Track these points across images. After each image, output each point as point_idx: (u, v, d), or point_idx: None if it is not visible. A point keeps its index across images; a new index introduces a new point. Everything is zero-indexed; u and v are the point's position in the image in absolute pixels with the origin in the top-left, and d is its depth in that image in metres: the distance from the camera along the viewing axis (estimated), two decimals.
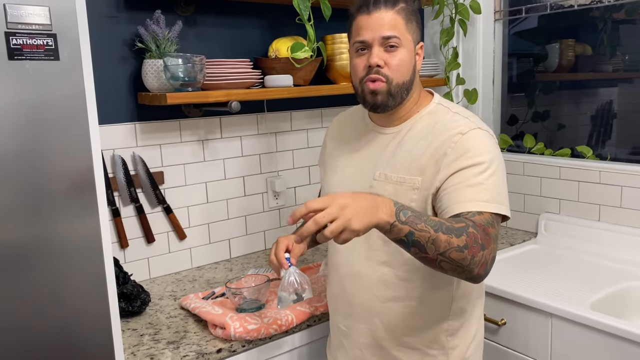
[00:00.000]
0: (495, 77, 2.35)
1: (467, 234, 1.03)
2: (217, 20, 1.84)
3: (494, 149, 1.18)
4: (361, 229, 0.93)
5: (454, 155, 1.15)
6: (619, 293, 1.64)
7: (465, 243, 1.01)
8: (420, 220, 0.99)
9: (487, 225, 1.09)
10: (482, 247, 1.05)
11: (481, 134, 1.18)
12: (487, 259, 1.06)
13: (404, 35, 1.20)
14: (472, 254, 1.03)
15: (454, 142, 1.16)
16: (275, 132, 2.03)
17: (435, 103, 1.28)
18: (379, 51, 1.20)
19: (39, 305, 1.05)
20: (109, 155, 1.68)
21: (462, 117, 1.22)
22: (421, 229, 0.98)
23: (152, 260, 1.80)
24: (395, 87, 1.21)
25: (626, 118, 2.23)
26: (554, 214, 2.09)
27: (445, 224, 1.02)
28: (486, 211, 1.10)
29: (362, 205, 0.94)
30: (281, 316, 1.43)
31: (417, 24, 1.24)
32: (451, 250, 1.00)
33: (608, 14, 2.19)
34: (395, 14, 1.19)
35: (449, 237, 1.00)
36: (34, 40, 0.96)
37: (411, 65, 1.22)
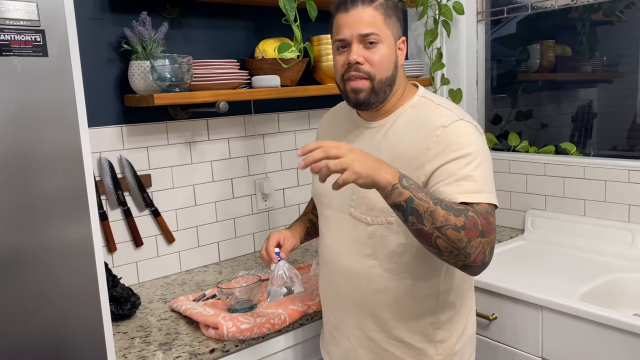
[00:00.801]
0: (479, 77, 2.38)
1: (467, 216, 1.04)
2: (203, 22, 1.84)
3: (478, 140, 1.17)
4: (362, 172, 0.98)
5: (436, 149, 1.15)
6: (606, 285, 1.66)
7: (463, 223, 1.02)
8: (421, 190, 1.04)
9: (488, 214, 1.09)
10: (482, 233, 1.05)
11: (464, 126, 1.17)
12: (485, 248, 1.06)
13: (383, 31, 1.20)
14: (469, 237, 1.03)
15: (436, 135, 1.15)
16: (263, 134, 2.03)
17: (419, 96, 1.28)
18: (358, 48, 1.20)
19: (30, 309, 1.03)
20: (95, 158, 1.66)
21: (445, 109, 1.21)
22: (421, 198, 1.02)
23: (141, 264, 1.78)
24: (378, 84, 1.21)
25: (605, 117, 2.27)
26: (540, 210, 2.11)
27: (446, 202, 1.05)
28: (482, 202, 1.11)
29: (368, 159, 1.02)
30: (274, 315, 1.42)
31: (397, 19, 1.24)
32: (448, 227, 1.01)
33: (586, 15, 2.24)
34: (373, 10, 1.19)
35: (447, 213, 1.02)
36: (22, 36, 0.95)
37: (392, 60, 1.22)
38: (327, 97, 2.15)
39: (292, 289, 1.27)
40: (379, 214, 1.21)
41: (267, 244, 1.37)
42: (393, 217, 1.18)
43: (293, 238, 1.42)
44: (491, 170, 1.18)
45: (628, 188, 1.87)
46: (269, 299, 1.29)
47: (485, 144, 1.20)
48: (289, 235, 1.42)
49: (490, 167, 1.18)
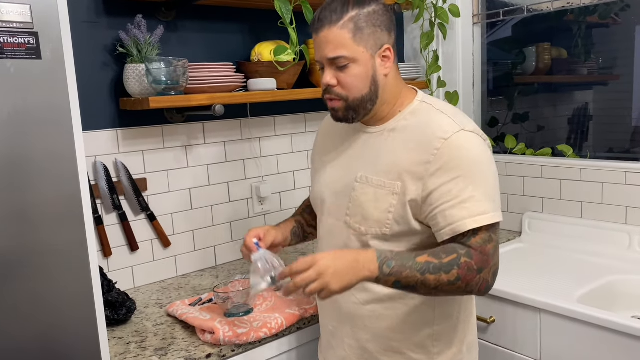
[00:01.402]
0: (475, 80, 2.38)
1: (459, 266, 1.06)
2: (199, 25, 1.84)
3: (480, 151, 1.13)
4: (339, 290, 1.04)
5: (437, 164, 1.11)
6: (604, 287, 1.66)
7: (457, 276, 1.06)
8: (406, 267, 1.06)
9: (485, 243, 1.09)
10: (479, 270, 1.08)
11: (465, 138, 1.13)
12: (486, 278, 1.09)
13: (353, 49, 1.13)
14: (467, 282, 1.08)
15: (437, 148, 1.11)
16: (259, 137, 2.02)
17: (418, 101, 1.23)
18: (330, 70, 1.16)
19: (25, 314, 1.02)
20: (90, 162, 1.65)
21: (446, 116, 1.16)
22: (407, 276, 1.06)
23: (137, 268, 1.77)
24: (354, 102, 1.17)
25: (602, 119, 2.28)
26: (537, 212, 2.11)
27: (433, 263, 1.06)
28: (483, 225, 1.09)
29: (342, 267, 1.04)
30: (271, 319, 1.41)
31: (376, 28, 1.15)
32: (442, 285, 1.07)
33: (582, 18, 2.25)
34: (339, 29, 1.13)
35: (437, 276, 1.06)
36: (15, 39, 0.95)
37: (367, 77, 1.16)
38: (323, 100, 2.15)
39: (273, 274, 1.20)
40: (374, 225, 1.18)
41: (245, 237, 1.32)
42: (388, 228, 1.16)
43: (275, 231, 1.37)
44: (495, 180, 1.15)
45: (625, 190, 1.86)
46: (251, 291, 1.23)
47: (488, 153, 1.16)
48: (271, 229, 1.37)
49: (493, 178, 1.14)
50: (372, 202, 1.18)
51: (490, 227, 1.11)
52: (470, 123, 1.18)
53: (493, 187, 1.13)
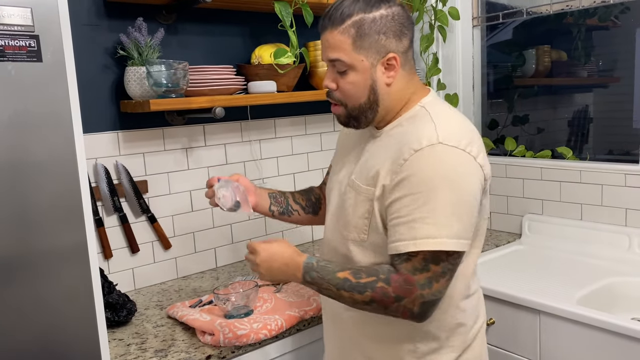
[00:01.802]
0: (475, 82, 2.39)
1: (373, 289, 1.05)
2: (199, 28, 1.85)
3: (451, 171, 1.03)
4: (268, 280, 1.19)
5: (401, 175, 1.05)
6: (604, 289, 1.66)
7: (370, 298, 1.06)
8: (324, 280, 1.10)
9: (414, 271, 1.03)
10: (398, 298, 1.04)
11: (438, 152, 1.03)
12: (409, 307, 1.04)
13: (351, 57, 1.09)
14: (383, 306, 1.06)
15: (405, 159, 1.05)
16: (260, 140, 2.03)
17: (419, 106, 1.15)
18: (332, 73, 1.14)
19: (25, 315, 1.03)
20: (91, 165, 1.66)
21: (433, 125, 1.08)
22: (326, 287, 1.10)
23: (137, 270, 1.78)
24: (353, 110, 1.14)
25: (601, 121, 2.28)
26: (537, 214, 2.11)
27: (350, 282, 1.07)
28: (421, 250, 1.02)
29: (274, 266, 1.16)
30: (271, 321, 1.41)
31: (380, 35, 1.08)
32: (357, 304, 1.08)
33: (582, 20, 2.25)
34: (340, 34, 1.08)
35: (351, 294, 1.07)
36: (16, 42, 0.95)
37: (366, 86, 1.11)
38: (323, 102, 2.15)
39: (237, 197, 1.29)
40: (352, 230, 1.16)
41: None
42: (365, 234, 1.14)
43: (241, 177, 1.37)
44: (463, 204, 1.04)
45: (625, 192, 1.87)
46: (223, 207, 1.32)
47: (466, 172, 1.05)
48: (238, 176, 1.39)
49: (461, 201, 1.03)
50: (352, 206, 1.16)
51: (431, 256, 1.02)
52: (460, 136, 1.06)
53: (456, 212, 1.03)
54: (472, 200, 1.06)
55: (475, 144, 1.08)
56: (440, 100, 1.20)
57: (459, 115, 1.17)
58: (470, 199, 1.05)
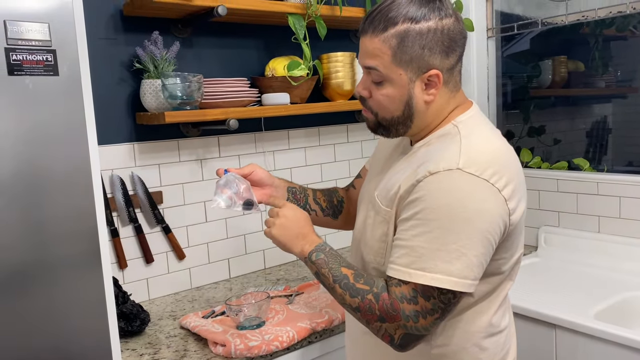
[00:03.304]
0: (490, 93, 2.38)
1: (363, 298, 1.00)
2: (214, 41, 1.87)
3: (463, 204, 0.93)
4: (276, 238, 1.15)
5: (412, 196, 0.98)
6: (622, 303, 1.63)
7: (357, 305, 1.01)
8: (327, 266, 1.06)
9: (402, 299, 0.96)
10: (381, 318, 0.98)
11: (456, 180, 0.94)
12: (390, 332, 0.98)
13: (390, 69, 1.00)
14: (367, 319, 1.01)
15: (418, 180, 0.98)
16: (273, 151, 2.04)
17: (452, 124, 1.05)
18: (366, 80, 1.05)
19: (39, 325, 1.04)
20: (107, 176, 1.68)
21: (458, 147, 0.99)
22: (324, 274, 1.06)
23: (151, 280, 1.79)
24: (383, 121, 1.06)
25: (620, 132, 2.25)
26: (554, 226, 2.09)
27: (348, 280, 1.03)
28: (411, 281, 0.95)
29: (287, 230, 1.13)
30: (282, 333, 1.41)
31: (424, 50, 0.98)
32: (344, 304, 1.04)
33: (599, 31, 2.23)
34: (381, 42, 0.99)
35: (343, 292, 1.03)
36: (33, 56, 0.98)
37: (402, 101, 1.02)
38: (336, 113, 2.16)
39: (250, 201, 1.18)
40: (370, 252, 1.10)
41: None
42: (382, 257, 1.07)
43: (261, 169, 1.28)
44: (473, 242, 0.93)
45: None
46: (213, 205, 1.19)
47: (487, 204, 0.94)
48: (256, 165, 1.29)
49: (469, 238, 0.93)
50: (371, 227, 1.10)
51: (421, 289, 0.95)
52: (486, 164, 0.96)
53: (460, 249, 0.93)
54: (484, 237, 0.94)
55: (504, 175, 0.96)
56: (481, 120, 1.08)
57: (496, 140, 1.04)
58: (481, 235, 0.94)
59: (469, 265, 0.94)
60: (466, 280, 0.94)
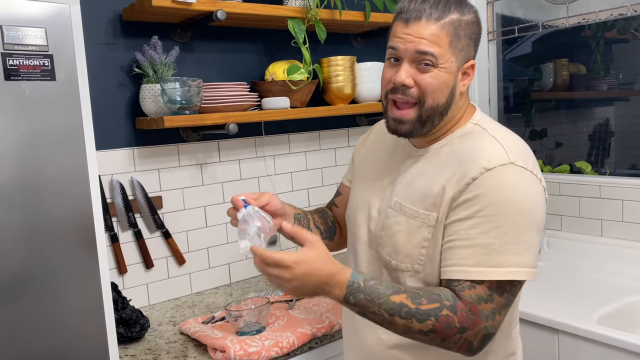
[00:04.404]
0: (491, 96, 2.37)
1: (437, 317, 0.94)
2: (214, 46, 1.87)
3: (526, 196, 0.97)
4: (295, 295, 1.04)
5: (468, 194, 0.97)
6: (625, 307, 1.61)
7: (431, 327, 0.94)
8: (374, 304, 0.95)
9: (479, 301, 0.95)
10: (462, 329, 0.94)
11: (512, 173, 0.97)
12: (469, 339, 0.95)
13: (445, 55, 1.00)
14: (443, 337, 0.95)
15: (474, 177, 0.97)
16: (274, 155, 2.03)
17: (472, 123, 1.07)
18: (410, 68, 1.02)
19: (36, 330, 1.03)
20: (107, 181, 1.68)
21: (497, 142, 1.01)
22: (373, 312, 0.96)
23: (151, 286, 1.78)
24: (427, 111, 1.03)
25: (623, 135, 2.24)
26: (556, 230, 2.07)
27: (408, 307, 0.94)
28: (487, 279, 0.95)
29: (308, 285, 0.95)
30: (282, 338, 1.40)
31: (469, 40, 1.03)
32: (412, 333, 0.96)
33: (600, 33, 2.22)
34: (439, 28, 0.99)
35: (408, 322, 0.94)
36: (30, 61, 0.97)
37: (449, 87, 1.02)
38: (336, 117, 2.16)
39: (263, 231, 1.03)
40: (405, 259, 1.06)
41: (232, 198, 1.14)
42: (420, 265, 1.04)
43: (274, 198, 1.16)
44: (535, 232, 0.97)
45: None
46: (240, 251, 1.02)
47: (537, 197, 0.99)
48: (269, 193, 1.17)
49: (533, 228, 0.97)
50: (405, 233, 1.05)
51: (498, 285, 0.95)
52: (525, 156, 1.01)
53: (524, 240, 0.96)
54: (541, 226, 0.99)
55: (536, 166, 1.02)
56: (489, 117, 1.12)
57: (514, 134, 1.08)
58: (539, 224, 0.98)
59: (534, 254, 0.98)
60: (534, 269, 0.98)
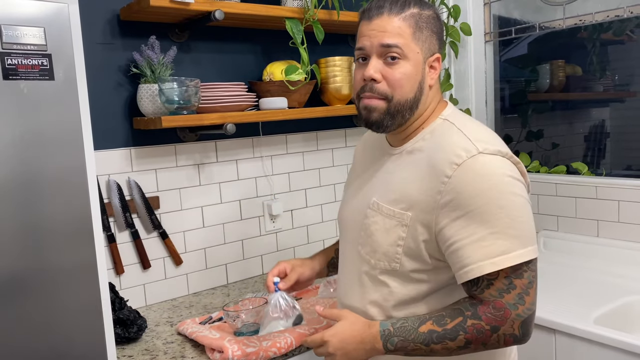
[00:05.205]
0: (488, 97, 2.38)
1: (465, 330, 0.98)
2: (212, 46, 1.87)
3: (501, 180, 0.98)
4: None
5: (448, 195, 0.99)
6: (621, 308, 1.62)
7: (465, 340, 0.98)
8: (409, 341, 1.01)
9: (500, 295, 0.97)
10: (494, 329, 0.97)
11: (482, 162, 0.99)
12: (509, 332, 0.97)
13: (409, 46, 1.05)
14: (482, 342, 0.98)
15: (447, 176, 1.00)
16: (271, 155, 2.03)
17: (441, 119, 1.10)
18: (377, 63, 1.06)
19: (33, 331, 1.03)
20: (104, 181, 1.67)
21: (464, 135, 1.03)
22: (413, 348, 1.01)
23: (148, 286, 1.78)
24: (396, 105, 1.06)
25: (618, 136, 2.25)
26: (552, 231, 2.08)
27: (436, 332, 0.99)
28: (500, 269, 0.96)
29: (351, 350, 1.05)
30: (280, 339, 1.40)
31: (432, 33, 1.08)
32: (452, 351, 1.00)
33: (597, 35, 2.23)
34: (401, 20, 1.05)
35: (443, 345, 0.99)
36: (29, 60, 0.97)
37: (416, 80, 1.06)
38: (334, 118, 2.16)
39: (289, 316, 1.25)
40: (382, 258, 1.09)
41: (268, 274, 1.30)
42: (397, 263, 1.06)
43: (303, 268, 1.30)
44: (523, 211, 0.99)
45: None
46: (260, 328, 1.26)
47: (513, 178, 1.00)
48: (299, 264, 1.32)
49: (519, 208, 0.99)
50: (381, 232, 1.08)
51: (512, 270, 0.97)
52: (495, 143, 1.03)
53: (518, 220, 0.98)
54: (526, 203, 1.01)
55: (507, 150, 1.04)
56: (460, 112, 1.14)
57: (484, 125, 1.11)
58: (524, 201, 1.01)
59: (532, 231, 1.01)
60: (535, 245, 1.00)
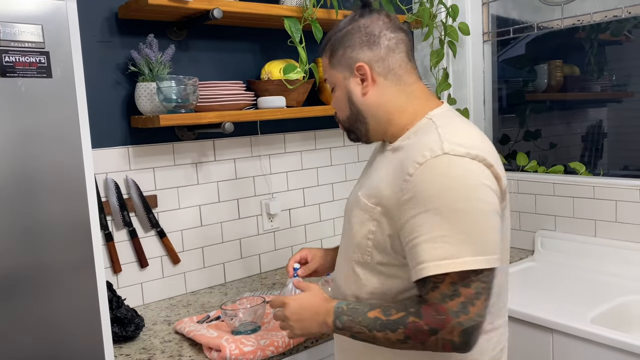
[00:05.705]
0: (486, 97, 2.38)
1: (405, 325, 0.97)
2: (210, 44, 1.86)
3: (462, 183, 0.96)
4: (300, 334, 1.13)
5: (408, 193, 0.99)
6: (618, 307, 1.63)
7: (404, 335, 0.98)
8: (355, 323, 1.03)
9: (443, 299, 0.95)
10: (433, 331, 0.95)
11: (444, 163, 0.97)
12: (448, 338, 0.95)
13: (330, 74, 1.16)
14: (420, 341, 0.97)
15: (409, 174, 0.99)
16: (269, 154, 2.03)
17: (427, 118, 1.08)
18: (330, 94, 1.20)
19: (31, 329, 1.03)
20: (101, 179, 1.67)
21: (437, 135, 1.01)
22: (358, 331, 1.03)
23: (146, 285, 1.78)
24: (344, 124, 1.18)
25: (616, 136, 2.25)
26: (550, 230, 2.08)
27: (381, 320, 1.00)
28: (446, 273, 0.94)
29: (306, 316, 1.10)
30: (278, 338, 1.40)
31: (346, 48, 1.11)
32: (393, 343, 1.00)
33: (594, 35, 2.24)
34: (324, 57, 1.17)
35: (384, 334, 1.00)
36: (26, 58, 0.97)
37: (345, 99, 1.14)
38: (332, 117, 2.15)
39: None
40: (356, 249, 1.11)
41: (290, 259, 1.36)
42: (368, 255, 1.08)
43: (324, 259, 1.34)
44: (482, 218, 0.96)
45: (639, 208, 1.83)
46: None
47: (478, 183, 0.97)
48: (321, 255, 1.35)
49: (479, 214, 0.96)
50: (358, 225, 1.11)
51: (459, 277, 0.94)
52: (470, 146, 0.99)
53: (474, 227, 0.95)
54: (491, 211, 0.97)
55: (488, 154, 1.00)
56: (454, 113, 1.12)
57: (472, 127, 1.09)
58: (488, 208, 0.97)
59: (488, 240, 0.96)
60: (493, 256, 0.96)
